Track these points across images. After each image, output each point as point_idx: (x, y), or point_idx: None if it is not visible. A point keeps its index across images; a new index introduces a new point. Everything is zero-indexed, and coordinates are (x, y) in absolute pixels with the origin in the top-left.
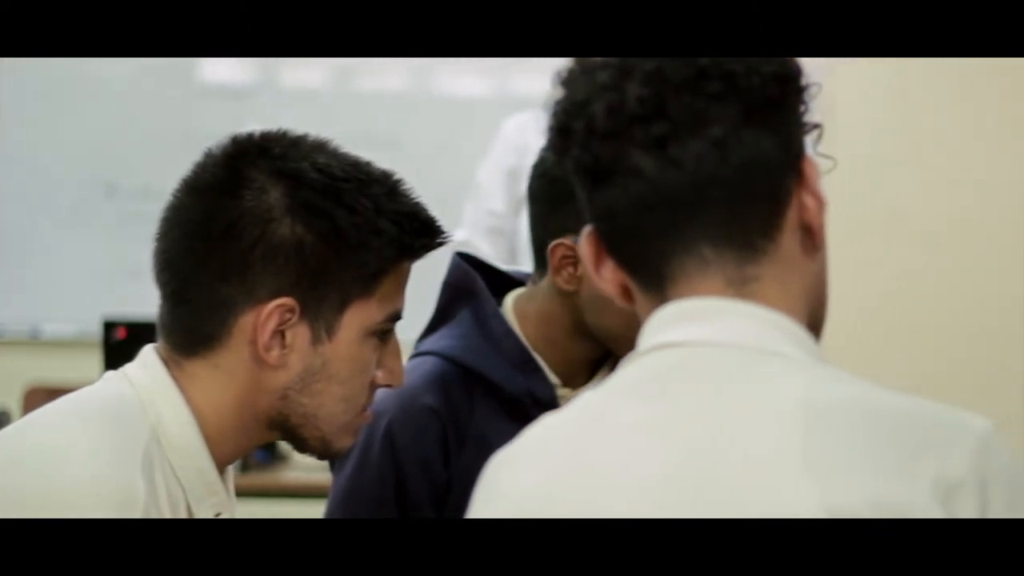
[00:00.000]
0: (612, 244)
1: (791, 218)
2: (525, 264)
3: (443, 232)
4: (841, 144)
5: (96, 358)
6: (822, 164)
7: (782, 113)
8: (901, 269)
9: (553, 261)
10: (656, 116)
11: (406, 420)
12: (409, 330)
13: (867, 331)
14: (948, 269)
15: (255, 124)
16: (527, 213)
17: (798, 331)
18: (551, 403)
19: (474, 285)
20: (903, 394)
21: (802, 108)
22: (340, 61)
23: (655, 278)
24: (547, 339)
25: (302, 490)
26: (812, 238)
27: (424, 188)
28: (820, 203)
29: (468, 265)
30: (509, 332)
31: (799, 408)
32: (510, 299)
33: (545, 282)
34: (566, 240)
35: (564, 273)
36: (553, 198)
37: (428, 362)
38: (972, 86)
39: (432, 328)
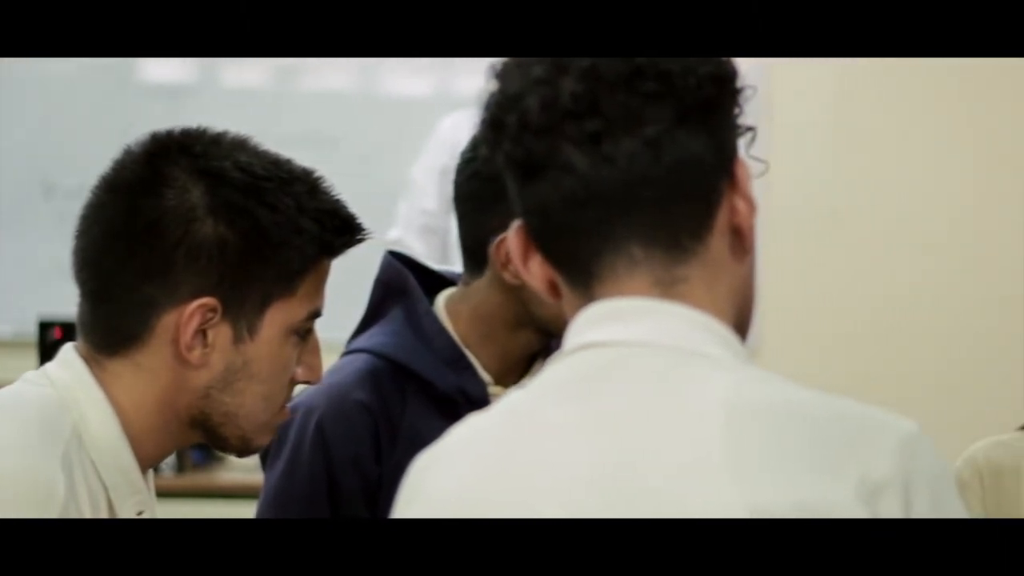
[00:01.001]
0: (541, 239)
1: (721, 220)
2: (458, 263)
3: (363, 229)
4: (780, 146)
5: (32, 358)
6: (755, 167)
7: (717, 115)
8: (842, 270)
9: (499, 257)
10: (590, 113)
11: (337, 416)
12: (340, 330)
13: (809, 331)
14: (889, 269)
15: (194, 123)
16: (456, 213)
17: (725, 332)
18: (483, 401)
19: (406, 283)
20: (829, 395)
21: (737, 110)
22: (281, 60)
23: (583, 275)
24: (483, 336)
25: (239, 490)
26: (742, 241)
27: (363, 187)
28: (751, 206)
29: (400, 263)
30: (441, 330)
31: (724, 409)
32: (442, 298)
33: (483, 280)
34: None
35: (511, 268)
36: (492, 195)
37: (359, 359)
38: (912, 87)
39: (364, 326)
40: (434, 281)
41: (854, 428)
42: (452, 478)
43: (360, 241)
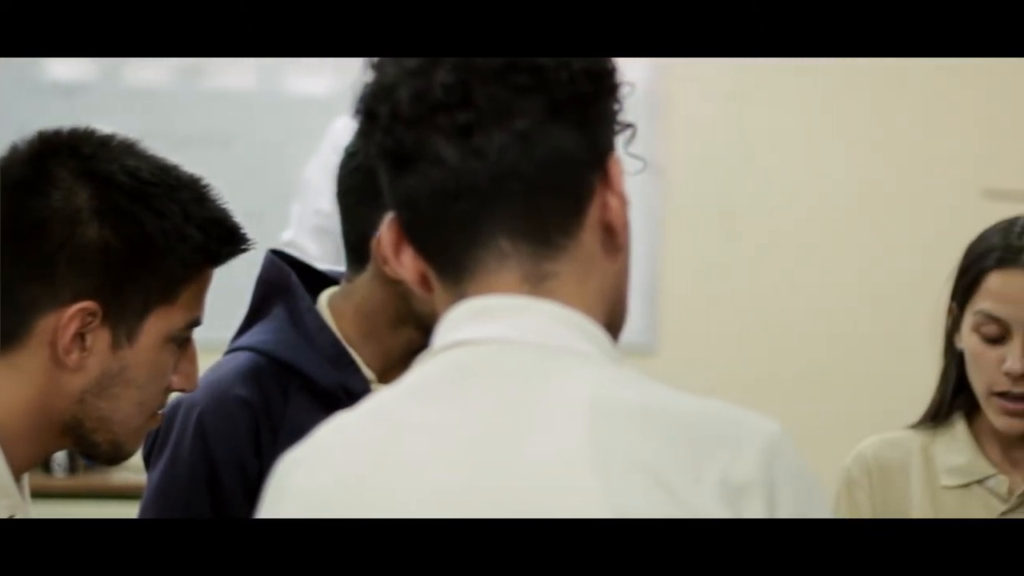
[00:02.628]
0: (412, 232)
1: (593, 216)
2: None
3: (247, 240)
4: (678, 146)
5: None
6: (632, 165)
7: (591, 110)
8: (735, 269)
9: (380, 252)
10: (461, 105)
11: (217, 411)
12: (224, 330)
13: (706, 330)
14: (782, 269)
15: (91, 122)
16: (339, 208)
17: (594, 329)
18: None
19: (288, 281)
20: (694, 396)
21: (615, 106)
22: (183, 59)
23: (453, 268)
24: (366, 334)
25: (133, 491)
26: (614, 238)
27: (260, 187)
28: (623, 203)
29: (283, 262)
30: (323, 326)
31: (589, 408)
32: (325, 296)
33: (365, 276)
34: None
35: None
36: (374, 190)
37: (241, 357)
38: (807, 86)
39: (246, 325)
40: (318, 280)
41: (718, 428)
42: (320, 479)
43: (244, 251)
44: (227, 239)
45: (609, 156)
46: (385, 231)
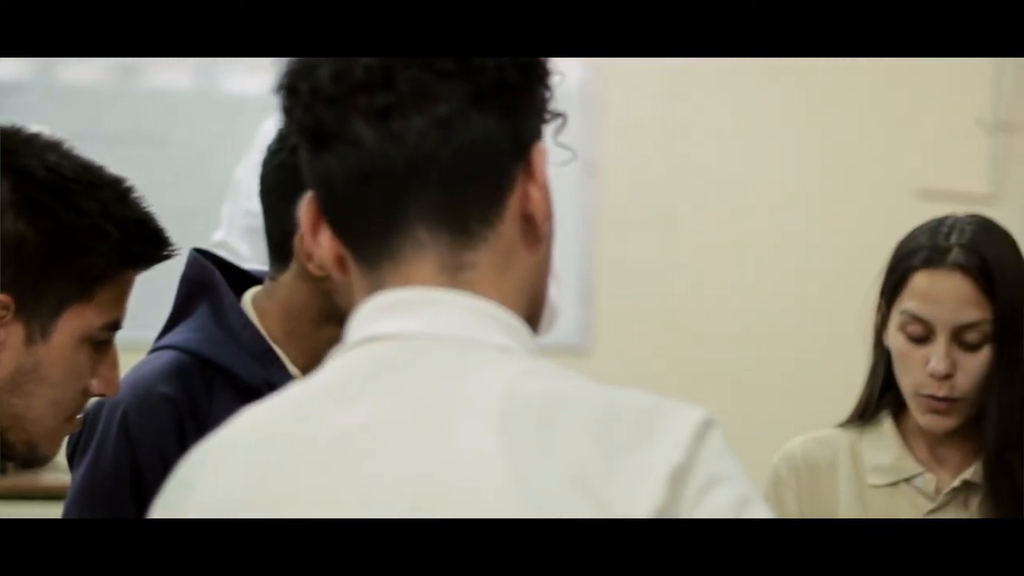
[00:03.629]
0: (329, 212)
1: (514, 207)
2: None
3: (170, 244)
4: (613, 145)
5: None
6: (561, 156)
7: (517, 98)
8: (670, 268)
9: (304, 248)
10: (382, 86)
11: (141, 408)
12: (149, 329)
13: (642, 329)
14: (717, 268)
15: (27, 121)
16: (262, 205)
17: (513, 322)
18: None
19: (212, 280)
20: (615, 387)
21: (544, 96)
22: (117, 59)
23: (369, 254)
24: (290, 331)
25: (62, 492)
26: (534, 229)
27: (195, 186)
28: (545, 194)
29: (207, 261)
30: (247, 323)
31: (502, 403)
32: (249, 295)
33: (288, 274)
34: None
35: (316, 258)
36: (298, 186)
37: (165, 355)
38: (740, 84)
39: (171, 324)
40: (243, 279)
41: (638, 420)
42: (225, 479)
43: (167, 257)
44: (147, 240)
45: (533, 146)
46: (303, 209)
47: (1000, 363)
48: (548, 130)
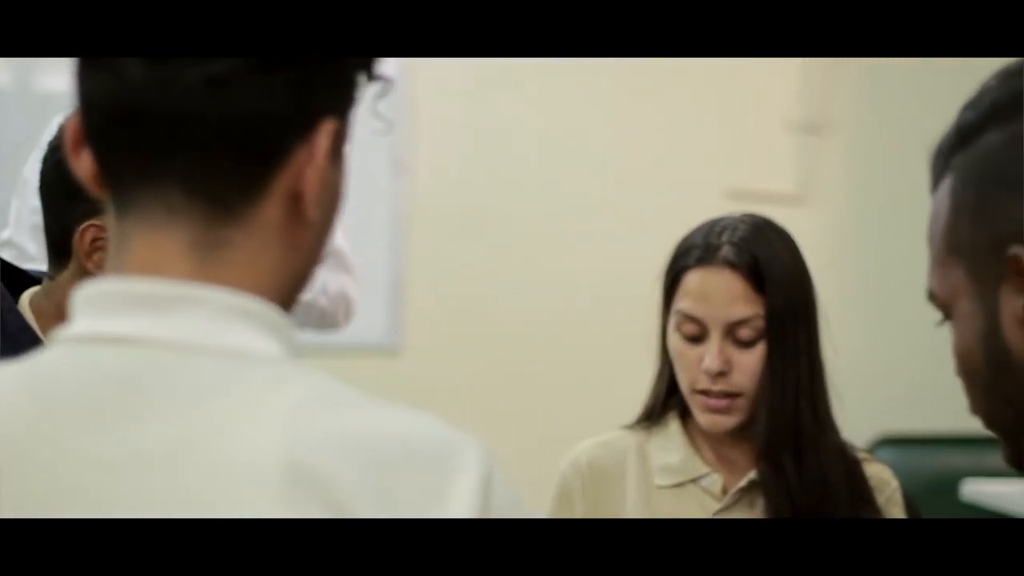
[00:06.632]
0: (90, 137)
1: (283, 185)
2: None
3: None
4: (423, 143)
5: None
6: (374, 127)
7: (312, 69)
8: (480, 268)
9: (83, 245)
10: None
11: None
12: None
13: (451, 330)
14: (527, 268)
15: None
16: (41, 203)
17: (273, 318)
18: None
19: None
20: (400, 413)
21: (351, 73)
22: None
23: (121, 201)
24: None
25: None
26: (303, 212)
27: (6, 185)
28: (320, 176)
29: None
30: (25, 327)
31: (285, 472)
32: (26, 296)
33: (67, 273)
34: (96, 222)
35: (96, 257)
36: (77, 184)
37: None
38: (552, 84)
39: None
40: (21, 279)
41: (416, 456)
42: None
43: None
44: None
45: (320, 123)
46: (69, 123)
47: (772, 361)
48: (363, 102)
